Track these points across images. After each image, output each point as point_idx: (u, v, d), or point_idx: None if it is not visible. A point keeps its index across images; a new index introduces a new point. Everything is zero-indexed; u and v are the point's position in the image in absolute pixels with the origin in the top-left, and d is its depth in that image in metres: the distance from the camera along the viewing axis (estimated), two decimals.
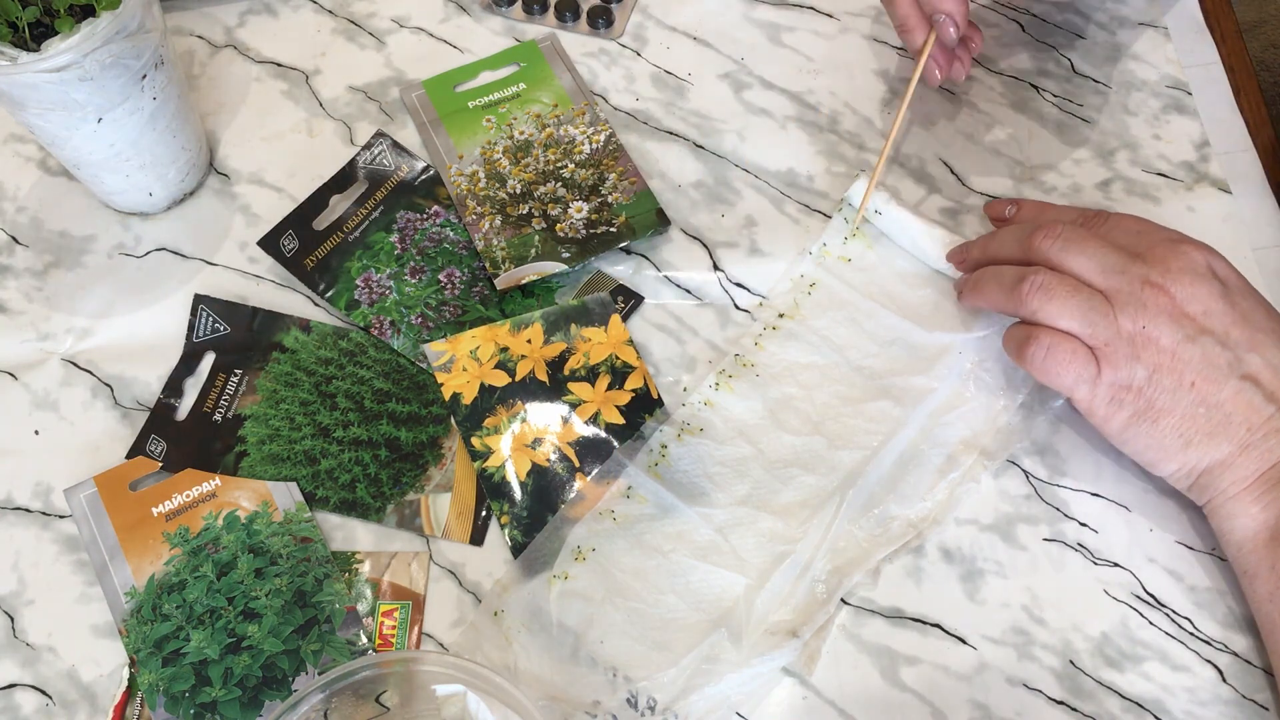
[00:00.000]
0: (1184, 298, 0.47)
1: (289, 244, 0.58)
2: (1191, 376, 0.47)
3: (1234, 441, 0.47)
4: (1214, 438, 0.47)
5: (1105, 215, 0.52)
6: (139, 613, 0.49)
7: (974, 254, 0.54)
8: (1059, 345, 0.48)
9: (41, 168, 0.62)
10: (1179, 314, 0.47)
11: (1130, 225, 0.51)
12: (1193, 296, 0.47)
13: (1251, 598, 0.48)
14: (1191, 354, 0.47)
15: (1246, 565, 0.48)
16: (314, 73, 0.65)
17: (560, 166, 0.61)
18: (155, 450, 0.53)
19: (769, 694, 0.48)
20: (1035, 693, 0.48)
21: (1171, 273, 0.47)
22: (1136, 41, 0.65)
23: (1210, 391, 0.47)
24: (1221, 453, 0.47)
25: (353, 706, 0.46)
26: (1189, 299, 0.47)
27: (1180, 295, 0.47)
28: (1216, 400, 0.47)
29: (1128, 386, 0.47)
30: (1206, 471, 0.48)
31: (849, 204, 0.59)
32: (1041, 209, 0.55)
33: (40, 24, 0.50)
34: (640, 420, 0.54)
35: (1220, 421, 0.47)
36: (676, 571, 0.50)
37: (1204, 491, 0.49)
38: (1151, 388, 0.47)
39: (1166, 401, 0.47)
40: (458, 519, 0.52)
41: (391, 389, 0.55)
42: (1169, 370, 0.47)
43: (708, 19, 0.67)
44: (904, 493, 0.51)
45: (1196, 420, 0.47)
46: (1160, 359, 0.47)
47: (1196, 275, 0.47)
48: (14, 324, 0.57)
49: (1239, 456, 0.47)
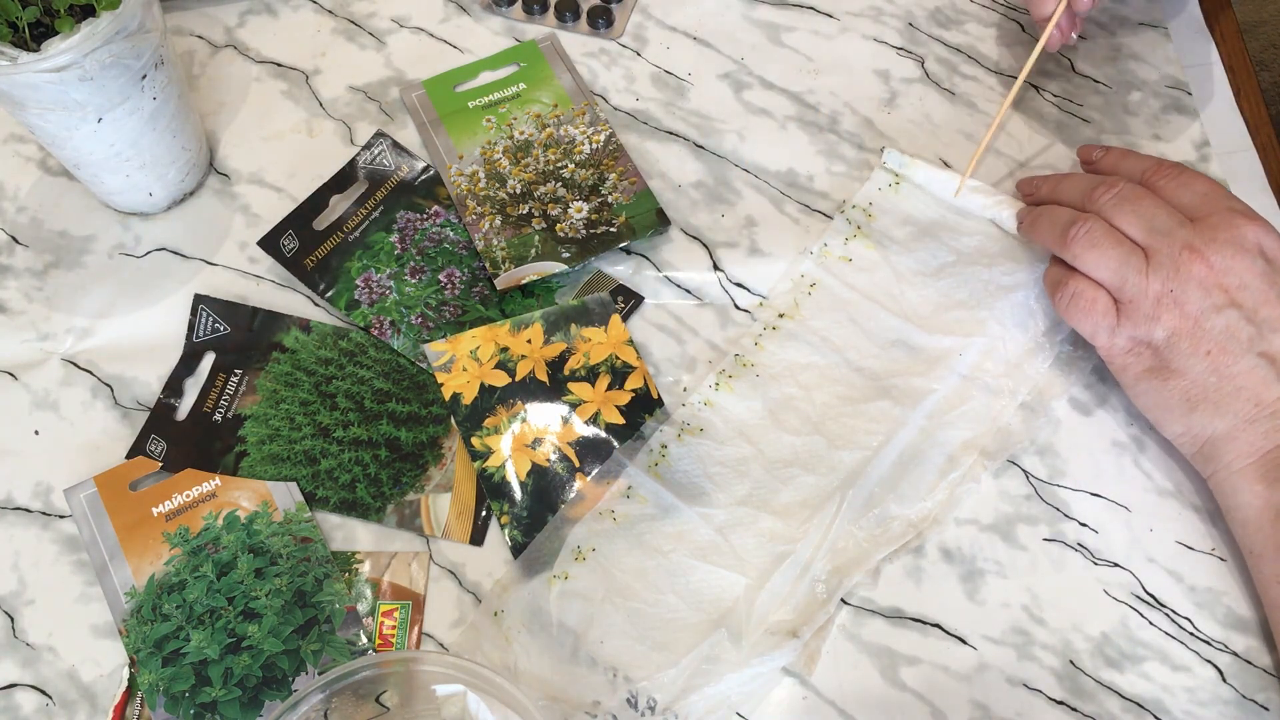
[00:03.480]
0: (1222, 268, 0.48)
1: (289, 244, 0.58)
2: (1209, 346, 0.47)
3: (1240, 415, 0.48)
4: (1220, 407, 0.48)
5: (1180, 170, 0.52)
6: (139, 613, 0.49)
7: (1043, 191, 0.56)
8: (1082, 294, 0.50)
9: (41, 168, 0.62)
10: (1212, 283, 0.48)
11: (1199, 186, 0.51)
12: (1230, 269, 0.48)
13: (1258, 579, 0.48)
14: (1214, 324, 0.47)
15: (1253, 545, 0.48)
16: (314, 73, 0.65)
17: (560, 166, 0.61)
18: (155, 450, 0.53)
19: (769, 694, 0.48)
20: (1035, 693, 0.48)
21: (1216, 242, 0.48)
22: (1136, 41, 0.66)
23: (1225, 363, 0.47)
24: (1225, 423, 0.48)
25: (353, 706, 0.46)
26: (1226, 270, 0.48)
27: (1219, 264, 0.48)
28: (1230, 372, 0.47)
29: (1145, 342, 0.49)
30: (1210, 441, 0.49)
31: (884, 167, 0.60)
32: (1124, 156, 0.55)
33: (40, 24, 0.50)
34: (640, 420, 0.54)
35: (1229, 393, 0.48)
36: (676, 571, 0.50)
37: (1208, 462, 0.49)
38: (1168, 348, 0.48)
39: (1180, 364, 0.48)
40: (458, 519, 0.52)
41: (391, 389, 0.55)
42: (1188, 335, 0.48)
43: (708, 19, 0.67)
44: (904, 493, 0.52)
45: (1206, 388, 0.48)
46: (1182, 324, 0.48)
47: (1241, 248, 0.48)
48: (14, 324, 0.57)
49: (1243, 430, 0.48)
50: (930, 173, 0.59)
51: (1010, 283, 0.56)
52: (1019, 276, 0.56)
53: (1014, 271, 0.56)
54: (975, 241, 0.57)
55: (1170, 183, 0.51)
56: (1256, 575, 0.48)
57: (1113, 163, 0.55)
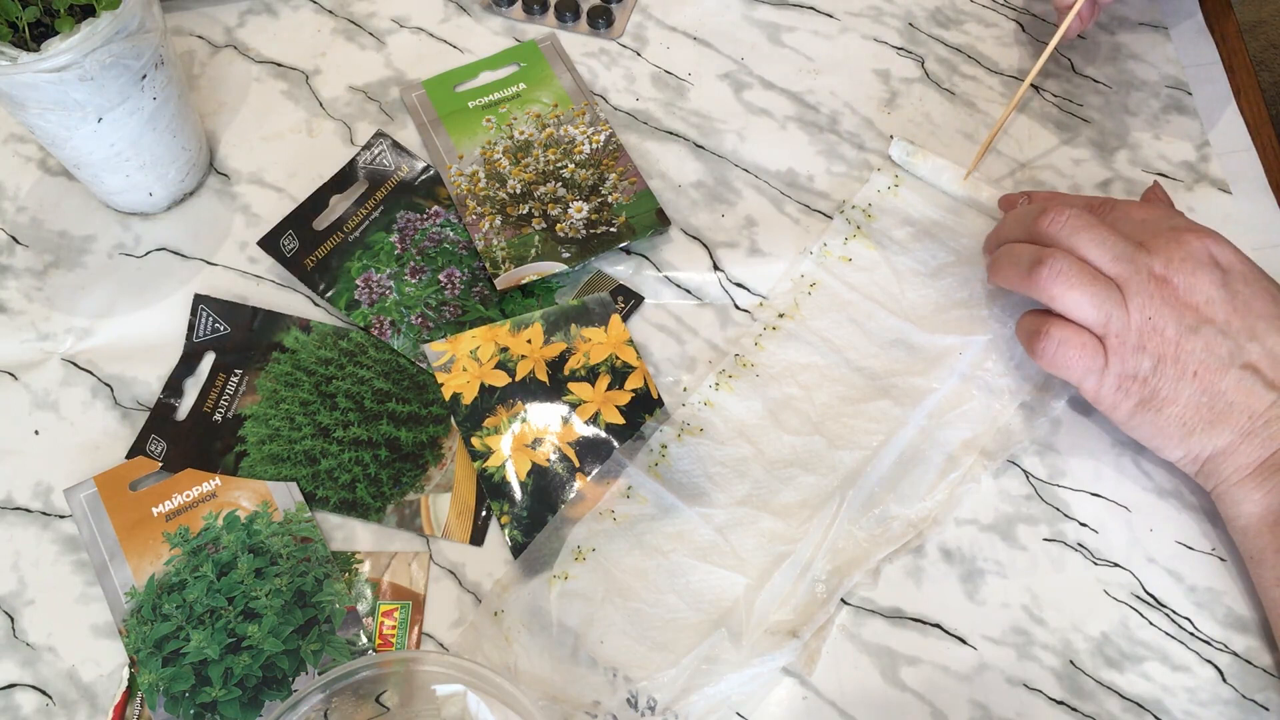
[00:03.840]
0: (1185, 288, 0.48)
1: (289, 244, 0.58)
2: (1194, 366, 0.47)
3: (1236, 430, 0.47)
4: (1216, 426, 0.48)
5: (1112, 203, 0.52)
6: (139, 613, 0.49)
7: (990, 239, 0.55)
8: (1069, 340, 0.48)
9: (41, 168, 0.62)
10: (1181, 305, 0.47)
11: (1135, 214, 0.51)
12: (1194, 286, 0.48)
13: (1259, 582, 0.48)
14: (1194, 345, 0.47)
15: (1252, 550, 0.48)
16: (314, 73, 0.65)
17: (560, 166, 0.61)
18: (155, 450, 0.53)
19: (769, 694, 0.48)
20: (1035, 693, 0.48)
21: (1174, 263, 0.48)
22: (1136, 41, 0.66)
23: (1212, 381, 0.47)
24: (1224, 440, 0.48)
25: (353, 706, 0.46)
26: (1190, 289, 0.48)
27: (1182, 286, 0.48)
28: (1218, 390, 0.47)
29: (1133, 376, 0.48)
30: (1210, 459, 0.49)
31: (890, 159, 0.60)
32: (1051, 199, 0.55)
33: (40, 24, 0.50)
34: (640, 420, 0.54)
35: (1222, 410, 0.47)
36: (676, 571, 0.50)
37: (1209, 478, 0.49)
38: (1156, 377, 0.48)
39: (1170, 391, 0.48)
40: (458, 519, 0.52)
41: (391, 389, 0.55)
42: (1173, 360, 0.47)
43: (708, 19, 0.67)
44: (904, 493, 0.52)
45: (1199, 409, 0.48)
46: (1165, 349, 0.47)
47: (1198, 264, 0.48)
48: (14, 324, 0.57)
49: (1241, 444, 0.48)
50: (937, 164, 0.59)
51: None
52: None
53: None
54: (975, 242, 0.57)
55: (1109, 215, 0.51)
56: (1258, 580, 0.48)
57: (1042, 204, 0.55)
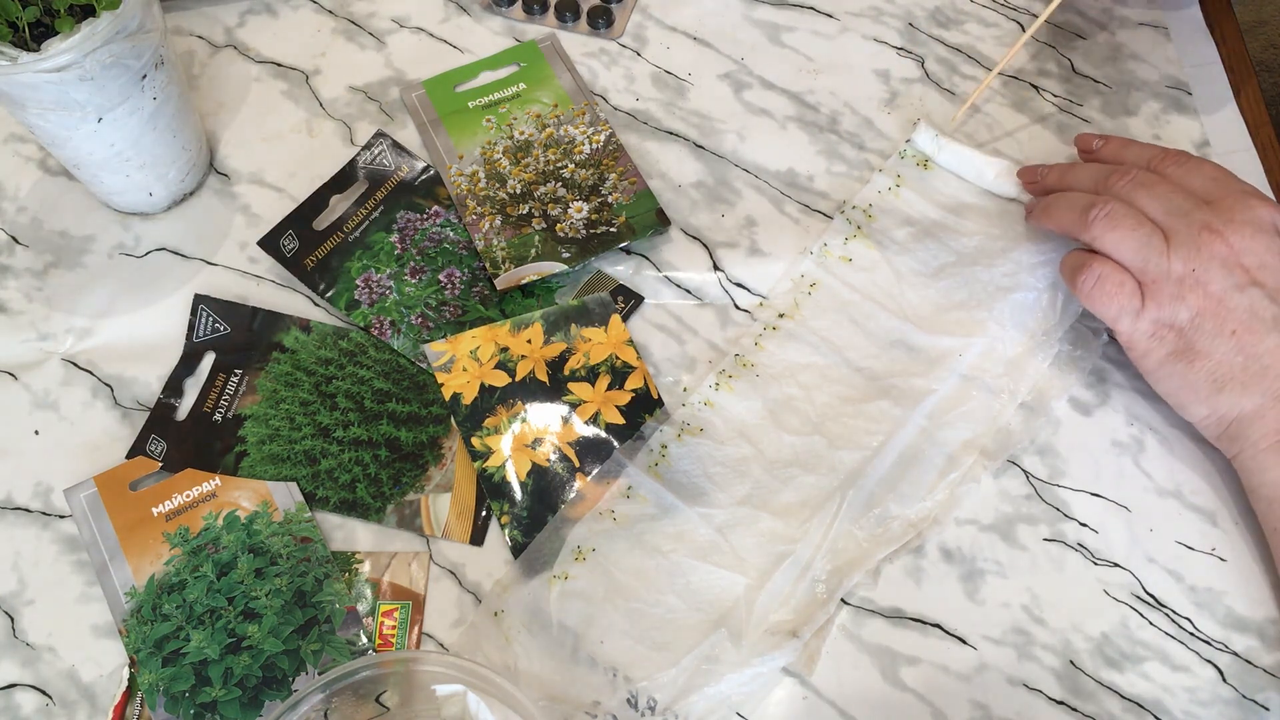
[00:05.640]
0: (1241, 248, 0.48)
1: (289, 244, 0.58)
2: (1233, 325, 0.48)
3: (1268, 393, 0.48)
4: (1248, 387, 0.48)
5: (1186, 156, 0.52)
6: (139, 613, 0.49)
7: (1050, 179, 0.56)
8: (1108, 276, 0.49)
9: (41, 168, 0.62)
10: (1233, 263, 0.48)
11: (1208, 171, 0.51)
12: (1250, 249, 0.48)
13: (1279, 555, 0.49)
14: (1238, 303, 0.47)
15: (1276, 523, 0.48)
16: (314, 73, 0.65)
17: (560, 166, 0.61)
18: (155, 450, 0.53)
19: (769, 694, 0.48)
20: (1035, 693, 0.48)
21: (1234, 223, 0.48)
22: (1136, 41, 0.66)
23: (1251, 341, 0.47)
24: (1253, 403, 0.48)
25: (353, 706, 0.46)
26: (1245, 250, 0.48)
27: (1238, 245, 0.48)
28: (1256, 351, 0.47)
29: (1170, 325, 0.48)
30: (1236, 421, 0.49)
31: (913, 146, 0.60)
32: (1125, 145, 0.55)
33: (40, 24, 0.50)
34: (640, 420, 0.54)
35: (1257, 372, 0.48)
36: (676, 571, 0.50)
37: (1234, 442, 0.49)
38: (1192, 330, 0.48)
39: (1205, 345, 0.48)
40: (458, 519, 0.52)
41: (391, 389, 0.55)
42: (1212, 315, 0.48)
43: (708, 19, 0.67)
44: (904, 493, 0.52)
45: (1233, 368, 0.48)
46: (1206, 304, 0.48)
47: (1258, 228, 0.48)
48: (14, 324, 0.57)
49: (1271, 407, 0.48)
50: (963, 153, 0.59)
51: (1010, 283, 0.56)
52: (1019, 278, 0.56)
53: (1014, 273, 0.56)
54: (975, 242, 0.57)
55: (1179, 169, 0.52)
56: (1278, 553, 0.49)
57: (1114, 151, 0.55)
